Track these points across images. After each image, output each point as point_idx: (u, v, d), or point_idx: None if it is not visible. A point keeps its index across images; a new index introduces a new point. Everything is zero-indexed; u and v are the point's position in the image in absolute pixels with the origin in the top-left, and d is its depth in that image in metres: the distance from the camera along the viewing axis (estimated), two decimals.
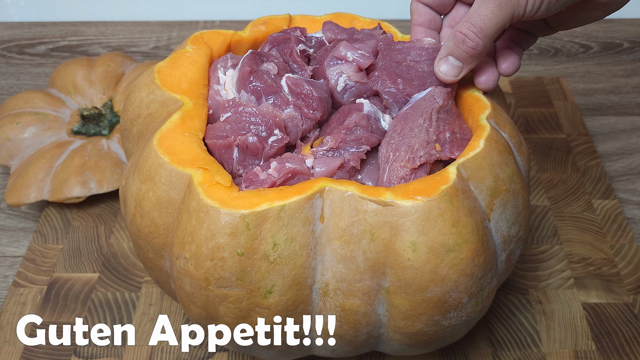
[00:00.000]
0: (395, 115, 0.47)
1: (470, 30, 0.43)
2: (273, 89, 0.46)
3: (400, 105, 0.47)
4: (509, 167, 0.44)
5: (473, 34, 0.43)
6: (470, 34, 0.43)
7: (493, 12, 0.42)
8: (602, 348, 0.55)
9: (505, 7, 0.42)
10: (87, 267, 0.61)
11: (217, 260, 0.40)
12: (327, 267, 0.41)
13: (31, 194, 0.64)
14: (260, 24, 0.54)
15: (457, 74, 0.45)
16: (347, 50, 0.47)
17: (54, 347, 0.55)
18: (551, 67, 0.87)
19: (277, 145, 0.44)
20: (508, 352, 0.55)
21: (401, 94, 0.46)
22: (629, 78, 0.85)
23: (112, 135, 0.70)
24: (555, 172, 0.70)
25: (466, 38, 0.43)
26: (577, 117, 0.77)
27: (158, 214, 0.43)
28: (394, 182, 0.43)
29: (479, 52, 0.44)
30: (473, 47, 0.44)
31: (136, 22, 0.96)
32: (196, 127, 0.45)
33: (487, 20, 0.43)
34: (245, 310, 0.41)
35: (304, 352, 0.47)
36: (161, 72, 0.48)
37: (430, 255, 0.39)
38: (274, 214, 0.39)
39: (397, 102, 0.47)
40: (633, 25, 0.94)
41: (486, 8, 0.43)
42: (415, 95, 0.47)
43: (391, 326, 0.43)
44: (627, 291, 0.59)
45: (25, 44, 0.93)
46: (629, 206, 0.67)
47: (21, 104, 0.71)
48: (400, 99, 0.46)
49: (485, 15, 0.43)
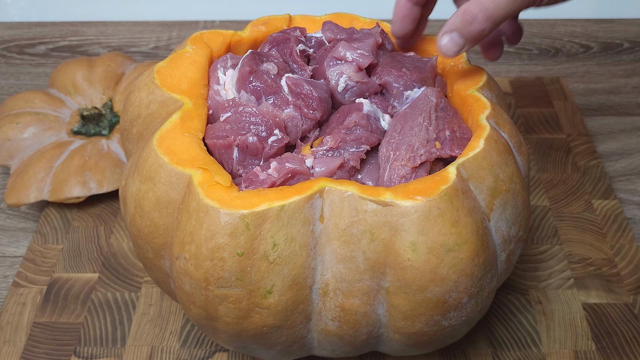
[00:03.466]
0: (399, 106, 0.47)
1: (482, 12, 0.42)
2: (273, 89, 0.46)
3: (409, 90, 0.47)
4: (508, 167, 0.44)
5: (482, 17, 0.42)
6: (480, 16, 0.42)
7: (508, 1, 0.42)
8: (602, 348, 0.55)
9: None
10: (87, 267, 0.61)
11: (217, 260, 0.40)
12: (327, 267, 0.41)
13: (31, 194, 0.64)
14: (260, 24, 0.54)
15: (458, 51, 0.45)
16: (346, 50, 0.47)
17: (54, 347, 0.55)
18: (551, 67, 0.87)
19: (277, 145, 0.44)
20: (508, 352, 0.55)
21: (409, 80, 0.47)
22: (629, 78, 0.85)
23: (112, 135, 0.70)
24: (555, 172, 0.70)
25: (475, 21, 0.43)
26: (577, 117, 0.77)
27: (158, 214, 0.43)
28: (395, 181, 0.43)
29: (484, 35, 0.43)
30: (480, 30, 0.43)
31: (136, 22, 0.96)
32: (196, 127, 0.45)
33: (500, 9, 0.42)
34: (245, 311, 0.41)
35: (304, 352, 0.47)
36: (161, 72, 0.48)
37: (430, 255, 0.39)
38: (273, 214, 0.39)
39: (407, 88, 0.47)
40: (633, 25, 0.94)
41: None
42: (412, 95, 0.47)
43: (391, 326, 0.43)
44: (627, 291, 0.59)
45: (25, 44, 0.93)
46: (629, 206, 0.67)
47: (21, 104, 0.71)
48: (409, 84, 0.47)
49: (499, 4, 0.42)
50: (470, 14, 0.43)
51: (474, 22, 0.43)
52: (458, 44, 0.44)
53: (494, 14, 0.42)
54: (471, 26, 0.43)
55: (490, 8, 0.42)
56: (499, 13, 0.42)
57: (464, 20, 0.43)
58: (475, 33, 0.43)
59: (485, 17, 0.42)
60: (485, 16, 0.42)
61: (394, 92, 0.47)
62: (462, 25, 0.43)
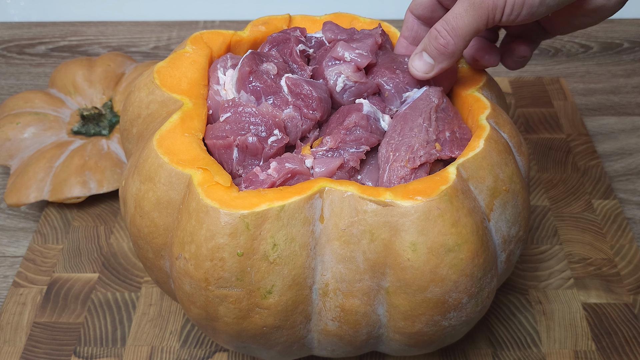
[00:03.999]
0: (394, 113, 0.47)
1: (444, 28, 0.43)
2: (273, 89, 0.46)
3: (401, 94, 0.47)
4: (508, 167, 0.44)
5: (445, 32, 0.43)
6: (442, 31, 0.43)
7: (466, 11, 0.42)
8: (602, 348, 0.55)
9: (479, 8, 0.42)
10: (87, 267, 0.61)
11: (217, 260, 0.40)
12: (327, 267, 0.41)
13: (31, 194, 0.64)
14: (260, 24, 0.54)
15: (428, 72, 0.45)
16: (344, 50, 0.47)
17: (54, 347, 0.55)
18: (551, 67, 0.87)
19: (277, 145, 0.44)
20: (508, 352, 0.55)
21: (402, 83, 0.46)
22: (629, 78, 0.85)
23: (112, 135, 0.70)
24: (555, 172, 0.70)
25: (438, 35, 0.43)
26: (577, 117, 0.77)
27: (158, 214, 0.43)
28: (394, 182, 0.43)
29: (450, 51, 0.44)
30: (444, 44, 0.43)
31: (136, 22, 0.96)
32: (196, 127, 0.45)
33: (459, 20, 0.42)
34: (245, 311, 0.41)
35: (304, 352, 0.47)
36: (161, 72, 0.48)
37: (430, 255, 0.39)
38: (273, 214, 0.39)
39: (399, 91, 0.47)
40: (633, 25, 0.94)
41: (460, 7, 0.42)
42: (412, 95, 0.47)
43: (391, 326, 0.43)
44: (627, 291, 0.59)
45: (25, 44, 0.93)
46: (629, 206, 0.67)
47: (21, 104, 0.71)
48: (401, 87, 0.47)
49: (458, 14, 0.42)
50: (434, 31, 0.44)
51: (437, 37, 0.43)
52: (428, 64, 0.45)
53: (455, 26, 0.43)
54: (435, 41, 0.44)
55: (451, 20, 0.43)
56: (459, 24, 0.42)
57: (430, 37, 0.44)
58: (441, 48, 0.44)
59: (447, 31, 0.43)
60: (447, 29, 0.43)
61: (385, 95, 0.47)
62: (429, 42, 0.44)
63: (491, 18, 0.42)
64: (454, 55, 0.44)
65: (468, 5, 0.42)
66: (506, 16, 0.42)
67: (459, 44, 0.43)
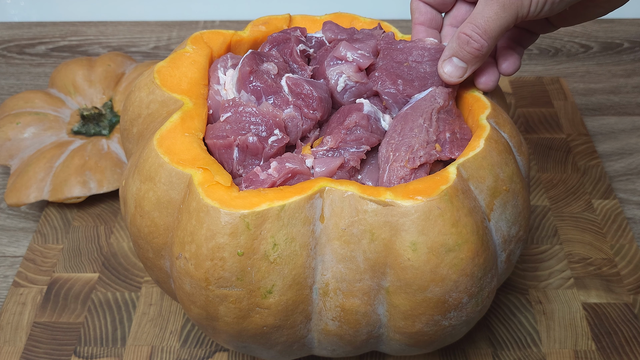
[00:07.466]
0: (395, 115, 0.47)
1: (475, 32, 0.43)
2: (273, 89, 0.46)
3: (400, 106, 0.47)
4: (509, 167, 0.44)
5: (477, 36, 0.43)
6: (474, 35, 0.43)
7: (497, 13, 0.42)
8: (602, 348, 0.55)
9: (509, 8, 0.42)
10: (87, 267, 0.61)
11: (217, 260, 0.40)
12: (327, 267, 0.41)
13: (31, 194, 0.64)
14: (260, 24, 0.54)
15: (462, 75, 0.45)
16: (346, 50, 0.47)
17: (54, 347, 0.55)
18: (551, 67, 0.87)
19: (277, 145, 0.44)
20: (508, 352, 0.55)
21: (401, 95, 0.46)
22: (629, 78, 0.85)
23: (112, 135, 0.70)
24: (555, 172, 0.70)
25: (470, 39, 0.43)
26: (577, 117, 0.77)
27: (158, 214, 0.43)
28: (394, 182, 0.43)
29: (484, 53, 0.44)
30: (478, 48, 0.44)
31: (136, 22, 0.96)
32: (196, 127, 0.45)
33: (491, 22, 0.43)
34: (245, 310, 0.41)
35: (304, 352, 0.47)
36: (161, 72, 0.48)
37: (430, 255, 0.39)
38: (274, 214, 0.39)
39: (397, 102, 0.47)
40: (633, 25, 0.94)
41: (490, 10, 0.43)
42: (415, 96, 0.47)
43: (391, 326, 0.43)
44: (627, 291, 0.59)
45: (25, 44, 0.93)
46: (629, 206, 0.67)
47: (21, 104, 0.71)
48: (400, 99, 0.46)
49: (489, 17, 0.43)
50: (464, 36, 0.44)
51: (470, 41, 0.44)
52: (460, 68, 0.45)
53: (487, 29, 0.43)
54: (468, 46, 0.44)
55: (482, 23, 0.43)
56: (491, 26, 0.43)
57: (460, 42, 0.44)
58: (475, 52, 0.44)
59: (480, 34, 0.43)
60: (479, 33, 0.43)
61: (383, 103, 0.47)
62: (460, 48, 0.44)
63: (520, 15, 0.43)
64: (486, 55, 0.45)
65: (498, 7, 0.42)
66: (532, 13, 0.43)
67: (492, 45, 0.44)
